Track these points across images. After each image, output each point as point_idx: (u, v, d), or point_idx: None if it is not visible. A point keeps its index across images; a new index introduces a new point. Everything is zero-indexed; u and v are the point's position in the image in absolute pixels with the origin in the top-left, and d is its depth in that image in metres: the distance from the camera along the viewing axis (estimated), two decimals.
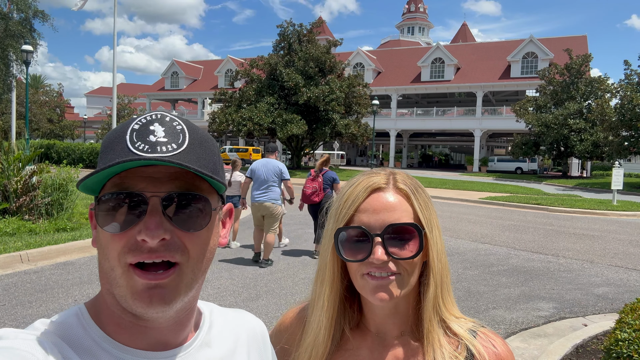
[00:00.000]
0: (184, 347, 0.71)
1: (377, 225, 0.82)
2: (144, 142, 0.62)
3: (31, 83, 59.68)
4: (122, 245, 0.61)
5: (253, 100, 31.15)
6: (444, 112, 46.78)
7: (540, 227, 12.18)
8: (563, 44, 40.94)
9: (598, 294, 6.29)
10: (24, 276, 6.14)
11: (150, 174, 0.62)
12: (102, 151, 0.65)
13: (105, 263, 0.64)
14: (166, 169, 0.63)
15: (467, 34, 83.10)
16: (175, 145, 0.62)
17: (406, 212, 0.84)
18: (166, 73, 57.40)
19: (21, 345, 0.56)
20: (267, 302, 5.50)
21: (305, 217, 12.43)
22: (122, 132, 0.64)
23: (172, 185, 0.63)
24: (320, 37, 35.58)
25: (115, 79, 19.67)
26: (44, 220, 8.85)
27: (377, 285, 0.82)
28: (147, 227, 0.60)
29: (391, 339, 0.91)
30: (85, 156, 34.03)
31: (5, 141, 9.52)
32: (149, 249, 0.61)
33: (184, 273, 0.64)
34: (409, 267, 0.84)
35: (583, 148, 31.71)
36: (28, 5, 26.64)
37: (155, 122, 0.65)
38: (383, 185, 0.87)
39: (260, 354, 0.85)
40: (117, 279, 0.62)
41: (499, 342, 0.88)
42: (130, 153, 0.60)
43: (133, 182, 0.62)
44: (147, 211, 0.61)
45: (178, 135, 0.64)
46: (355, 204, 0.85)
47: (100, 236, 0.64)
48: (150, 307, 0.62)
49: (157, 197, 0.62)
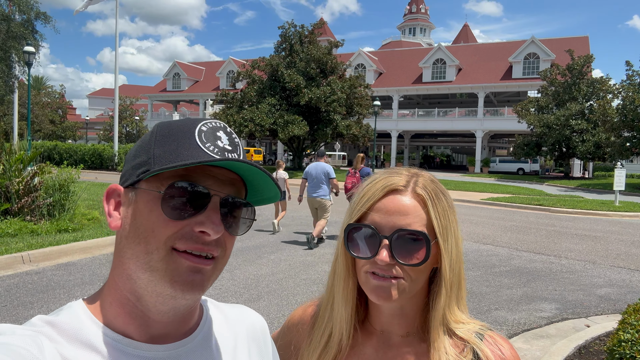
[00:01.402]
0: (185, 340, 0.72)
1: (387, 227, 0.82)
2: (214, 145, 0.67)
3: (33, 84, 59.83)
4: (174, 232, 0.64)
5: (254, 102, 31.17)
6: (446, 113, 46.76)
7: (543, 228, 12.15)
8: (565, 45, 40.90)
9: (600, 294, 6.27)
10: (26, 277, 6.15)
11: (215, 174, 0.67)
12: (161, 139, 0.68)
13: (140, 246, 0.65)
14: (227, 173, 0.69)
15: (469, 35, 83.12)
16: (236, 155, 0.69)
17: (419, 219, 0.83)
18: (168, 74, 57.51)
19: (17, 341, 0.56)
20: (269, 302, 5.49)
21: (306, 218, 12.43)
22: (189, 129, 0.68)
23: (230, 189, 0.69)
24: (321, 38, 35.64)
25: (117, 80, 19.74)
26: (45, 221, 8.85)
27: (377, 286, 0.82)
28: (212, 222, 0.65)
29: (396, 338, 0.91)
30: (87, 157, 34.09)
31: (7, 142, 9.52)
32: (204, 241, 0.65)
33: (217, 268, 0.68)
34: (413, 273, 0.83)
35: (585, 149, 31.66)
36: (30, 7, 26.73)
37: (220, 130, 0.70)
38: (401, 188, 0.85)
39: (261, 349, 0.85)
40: (154, 262, 0.64)
41: (507, 346, 0.87)
42: (201, 150, 0.65)
43: (200, 178, 0.66)
44: (209, 207, 0.66)
45: (237, 146, 0.70)
46: (370, 202, 0.85)
47: (143, 219, 0.65)
48: (190, 291, 0.65)
49: (219, 196, 0.67)
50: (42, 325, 0.63)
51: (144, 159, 0.67)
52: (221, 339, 0.78)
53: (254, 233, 9.99)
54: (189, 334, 0.74)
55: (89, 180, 18.17)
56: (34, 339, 0.58)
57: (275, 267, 7.20)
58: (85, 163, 33.11)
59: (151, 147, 0.68)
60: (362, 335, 0.92)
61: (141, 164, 0.67)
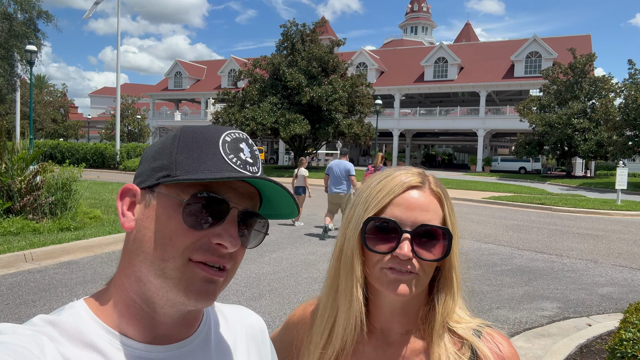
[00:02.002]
0: (185, 341, 0.72)
1: (409, 222, 0.82)
2: (236, 157, 0.67)
3: (35, 83, 59.87)
4: (193, 242, 0.64)
5: (256, 100, 31.17)
6: (447, 112, 46.69)
7: (544, 226, 12.14)
8: (567, 44, 40.78)
9: (602, 293, 6.27)
10: (28, 275, 6.17)
11: (236, 187, 0.68)
12: (184, 145, 0.67)
13: (157, 252, 0.64)
14: (248, 187, 0.69)
15: (471, 34, 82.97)
16: (256, 169, 0.70)
17: (437, 215, 0.85)
18: (169, 73, 57.51)
19: (18, 340, 0.56)
20: (270, 301, 5.50)
21: (308, 217, 12.45)
22: (213, 138, 0.68)
23: (248, 203, 0.69)
24: (323, 37, 35.61)
25: (118, 79, 19.75)
26: (47, 220, 8.88)
27: (395, 279, 0.82)
28: (230, 235, 0.65)
29: (396, 336, 0.91)
30: (89, 156, 34.16)
31: (9, 141, 9.54)
32: (221, 253, 0.66)
33: (227, 279, 0.70)
34: (427, 268, 0.84)
35: (587, 148, 31.59)
36: (32, 6, 26.77)
37: (243, 142, 0.70)
38: (419, 184, 0.86)
39: (259, 350, 0.85)
40: (169, 270, 0.64)
41: (505, 343, 0.88)
42: (225, 162, 0.66)
43: (222, 190, 0.66)
44: (228, 220, 0.66)
45: (257, 159, 0.71)
46: (390, 196, 0.85)
47: (162, 225, 0.65)
48: (203, 300, 0.66)
49: (237, 209, 0.67)
50: (43, 325, 0.63)
51: (164, 163, 0.67)
52: (221, 339, 0.78)
53: None
54: (188, 335, 0.74)
55: (91, 179, 18.21)
56: (34, 339, 0.58)
57: (276, 265, 7.21)
58: (87, 162, 33.18)
59: (173, 152, 0.67)
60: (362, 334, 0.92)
61: (161, 168, 0.67)
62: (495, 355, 0.85)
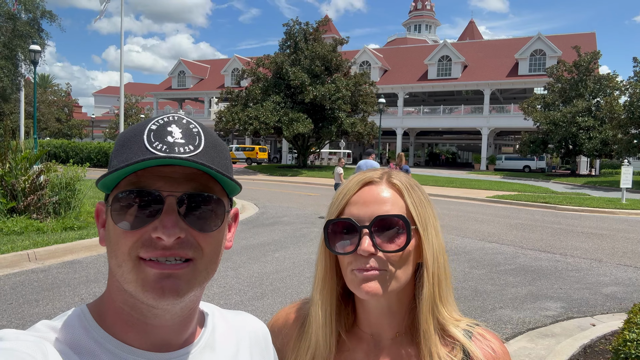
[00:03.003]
0: (187, 348, 0.72)
1: (366, 217, 0.81)
2: (161, 142, 0.63)
3: (39, 83, 60.13)
4: (134, 241, 0.63)
5: (259, 99, 31.17)
6: (451, 110, 46.60)
7: (548, 225, 12.09)
8: (571, 41, 40.59)
9: (606, 293, 6.23)
10: (31, 275, 6.19)
11: (167, 173, 0.64)
12: (118, 149, 0.66)
13: (113, 260, 0.65)
14: (183, 169, 0.64)
15: (475, 32, 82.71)
16: (192, 147, 0.64)
17: (397, 206, 0.83)
18: (173, 72, 57.62)
19: (21, 346, 0.56)
20: (273, 301, 5.50)
21: (310, 216, 12.44)
22: (139, 132, 0.65)
23: (187, 186, 0.65)
24: (326, 35, 35.50)
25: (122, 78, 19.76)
26: (51, 219, 8.91)
27: (364, 278, 0.80)
28: (163, 225, 0.62)
29: (386, 340, 0.89)
30: (93, 155, 34.29)
31: (13, 140, 9.58)
32: (163, 246, 0.62)
33: (198, 269, 0.65)
34: (397, 261, 0.82)
35: (592, 146, 31.47)
36: (36, 6, 26.85)
37: (172, 124, 0.66)
38: (376, 180, 0.86)
39: (263, 357, 0.85)
40: (125, 274, 0.63)
41: (496, 343, 0.87)
42: (148, 152, 0.62)
43: (150, 181, 0.63)
44: (164, 210, 0.63)
45: (194, 137, 0.66)
46: (347, 197, 0.85)
47: (111, 234, 0.65)
48: (162, 298, 0.63)
49: (174, 196, 0.63)
50: (46, 331, 0.63)
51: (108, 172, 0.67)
52: (223, 345, 0.78)
53: (258, 231, 10.01)
54: (190, 342, 0.73)
55: (95, 178, 18.26)
56: (38, 345, 0.58)
57: (279, 265, 7.21)
58: (91, 161, 33.29)
59: (111, 160, 0.67)
60: (353, 340, 0.91)
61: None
62: (488, 356, 0.84)
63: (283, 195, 18.14)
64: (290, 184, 24.86)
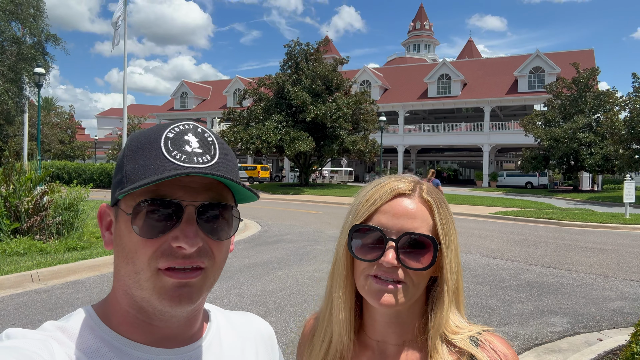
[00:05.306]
0: (192, 345, 0.73)
1: (395, 230, 0.81)
2: (180, 151, 0.64)
3: (43, 105, 60.68)
4: (154, 250, 0.64)
5: (261, 119, 31.42)
6: (452, 128, 46.77)
7: (552, 241, 12.03)
8: (570, 58, 40.99)
9: (613, 308, 6.18)
10: (35, 295, 6.17)
11: (186, 183, 0.65)
12: (131, 153, 0.66)
13: (129, 266, 0.65)
14: (201, 179, 0.66)
15: (473, 50, 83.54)
16: (209, 157, 0.65)
17: (425, 223, 0.83)
18: (175, 93, 58.18)
19: (28, 345, 0.57)
20: (276, 319, 5.46)
21: (313, 234, 12.41)
22: (155, 138, 0.66)
23: (205, 196, 0.66)
24: (327, 55, 35.94)
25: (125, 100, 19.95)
26: (54, 240, 8.91)
27: (380, 290, 0.81)
28: (185, 235, 0.63)
29: (392, 348, 0.89)
30: (96, 176, 34.39)
31: (17, 162, 9.65)
32: (183, 255, 0.64)
33: (208, 277, 0.67)
34: (416, 278, 0.82)
35: (593, 162, 31.46)
36: (40, 30, 27.27)
37: (189, 132, 0.67)
38: (409, 192, 0.85)
39: (269, 355, 0.85)
40: (142, 282, 0.64)
41: (503, 347, 0.85)
42: (167, 161, 0.63)
43: (170, 190, 0.64)
44: (184, 220, 0.64)
45: (210, 147, 0.67)
46: (377, 204, 0.84)
47: (126, 240, 0.66)
48: (178, 306, 0.65)
49: (193, 206, 0.64)
50: (53, 330, 0.65)
51: (120, 177, 0.67)
52: (228, 344, 0.79)
53: (261, 249, 9.98)
54: (195, 339, 0.74)
55: (98, 199, 18.26)
56: (44, 343, 0.59)
57: (282, 283, 7.18)
58: (94, 182, 33.37)
59: (124, 164, 0.67)
60: (358, 347, 0.91)
61: (118, 183, 0.67)
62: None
63: (285, 214, 18.12)
64: (293, 202, 24.85)
